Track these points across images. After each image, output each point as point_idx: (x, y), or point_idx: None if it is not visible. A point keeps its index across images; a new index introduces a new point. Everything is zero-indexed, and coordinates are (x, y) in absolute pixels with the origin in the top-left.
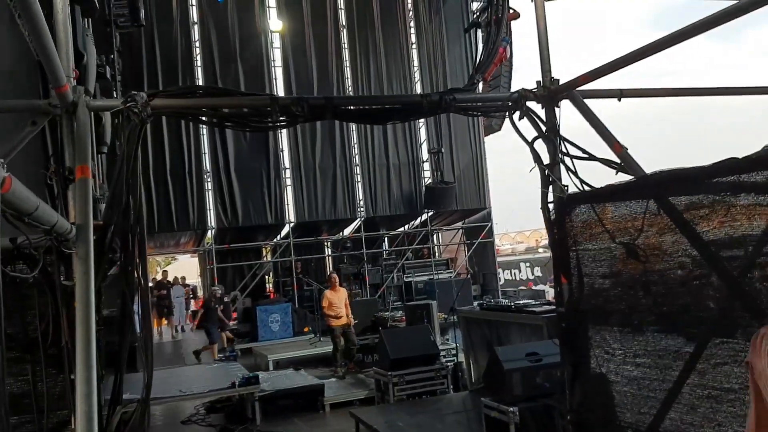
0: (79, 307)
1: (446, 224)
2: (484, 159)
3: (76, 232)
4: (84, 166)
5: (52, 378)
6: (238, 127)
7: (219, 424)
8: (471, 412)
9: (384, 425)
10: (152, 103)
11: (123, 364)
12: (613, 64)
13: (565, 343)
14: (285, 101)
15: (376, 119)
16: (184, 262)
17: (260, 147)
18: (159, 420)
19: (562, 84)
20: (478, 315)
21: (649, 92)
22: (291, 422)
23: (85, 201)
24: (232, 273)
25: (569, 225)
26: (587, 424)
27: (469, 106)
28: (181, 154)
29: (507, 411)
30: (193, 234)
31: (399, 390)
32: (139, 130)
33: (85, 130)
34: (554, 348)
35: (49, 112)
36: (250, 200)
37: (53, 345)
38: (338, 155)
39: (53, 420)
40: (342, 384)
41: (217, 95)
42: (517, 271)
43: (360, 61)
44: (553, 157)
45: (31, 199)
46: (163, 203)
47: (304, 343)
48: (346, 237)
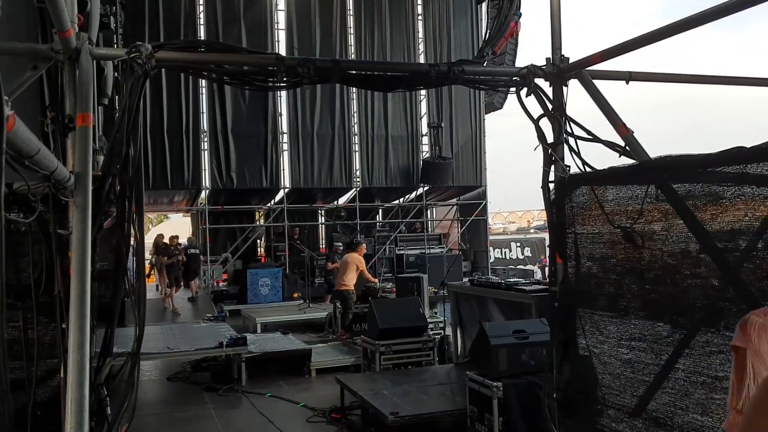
0: (76, 255)
1: (441, 200)
2: (483, 137)
3: (75, 180)
4: (85, 114)
5: (43, 326)
6: (241, 84)
7: (204, 383)
8: (455, 385)
9: (369, 392)
10: (156, 55)
11: (115, 316)
12: (624, 45)
13: (556, 322)
14: (291, 62)
15: (382, 86)
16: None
17: (259, 110)
18: (145, 375)
19: (572, 62)
20: (468, 290)
21: (657, 77)
22: (276, 384)
23: (85, 149)
24: (224, 235)
25: (569, 205)
26: (573, 404)
27: (477, 79)
28: (179, 112)
29: (491, 386)
30: (187, 193)
31: (385, 359)
32: (142, 82)
33: (87, 77)
34: (541, 327)
35: (51, 58)
36: (246, 163)
37: (45, 293)
38: (337, 123)
39: (42, 368)
40: (329, 350)
41: (222, 51)
42: (508, 251)
43: (364, 29)
44: (558, 136)
45: (33, 141)
46: (159, 160)
47: (293, 308)
48: (340, 206)
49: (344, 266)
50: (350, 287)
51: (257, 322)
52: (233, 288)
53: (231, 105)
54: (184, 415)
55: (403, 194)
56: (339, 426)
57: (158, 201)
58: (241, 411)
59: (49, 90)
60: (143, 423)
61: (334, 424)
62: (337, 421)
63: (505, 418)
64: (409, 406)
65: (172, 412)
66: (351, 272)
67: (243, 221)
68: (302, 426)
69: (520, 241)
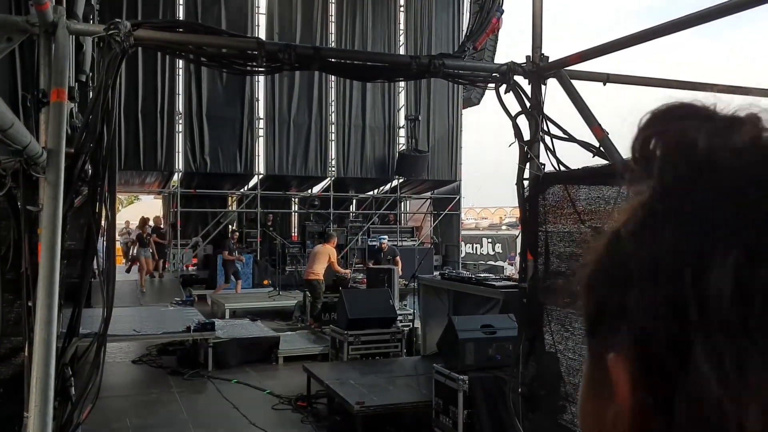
0: (46, 233)
1: (415, 193)
2: (460, 131)
3: (48, 156)
4: (60, 90)
5: (8, 303)
6: (220, 67)
7: (170, 367)
8: (422, 377)
9: (335, 382)
10: (135, 33)
11: (83, 296)
12: (602, 47)
13: (524, 318)
14: (272, 47)
15: (363, 75)
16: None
17: (235, 94)
18: (109, 357)
19: (552, 61)
20: (438, 284)
21: (634, 80)
22: (243, 371)
23: (59, 125)
24: (195, 218)
25: (542, 203)
26: (538, 399)
27: (458, 73)
28: (154, 93)
29: (457, 379)
30: (160, 175)
31: (353, 349)
32: (119, 61)
33: (63, 52)
34: (509, 322)
35: (26, 30)
36: (220, 147)
37: (12, 270)
38: (314, 112)
39: (7, 345)
40: (297, 338)
41: (203, 33)
42: (479, 246)
43: (346, 18)
44: (534, 134)
45: (7, 114)
46: (132, 140)
47: (262, 295)
48: (314, 195)
49: (314, 256)
50: (319, 276)
51: (226, 308)
52: (203, 273)
53: (207, 87)
54: (148, 398)
55: (378, 186)
56: (304, 414)
57: (130, 182)
58: (206, 396)
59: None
60: (107, 405)
61: (299, 412)
62: (302, 409)
63: (469, 411)
64: (375, 396)
65: (137, 395)
66: (321, 262)
67: (215, 206)
68: (267, 413)
69: (491, 237)
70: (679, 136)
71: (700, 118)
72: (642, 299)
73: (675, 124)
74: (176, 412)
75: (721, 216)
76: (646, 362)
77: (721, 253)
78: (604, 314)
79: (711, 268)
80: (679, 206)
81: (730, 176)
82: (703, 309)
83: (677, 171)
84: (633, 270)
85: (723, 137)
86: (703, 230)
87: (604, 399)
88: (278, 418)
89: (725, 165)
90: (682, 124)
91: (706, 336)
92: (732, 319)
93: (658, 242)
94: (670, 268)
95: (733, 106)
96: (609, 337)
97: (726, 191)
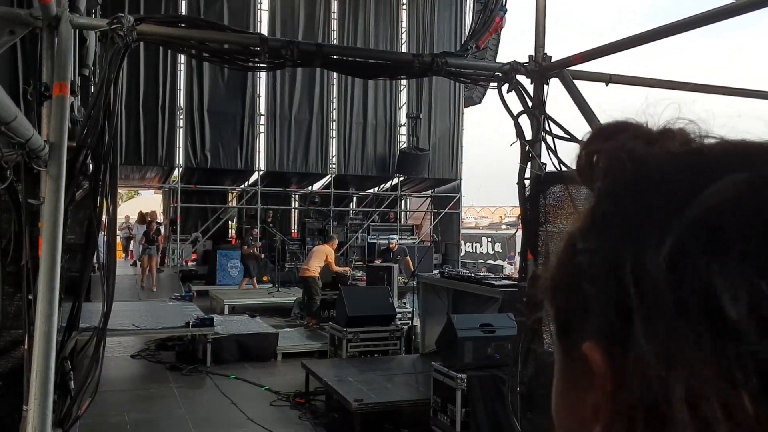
0: (47, 226)
1: (416, 191)
2: (461, 130)
3: (50, 150)
4: (62, 84)
5: (8, 296)
6: (222, 63)
7: (168, 362)
8: (420, 375)
9: (334, 379)
10: (138, 28)
11: (83, 290)
12: (605, 48)
13: (524, 317)
14: (275, 43)
15: (365, 73)
16: (147, 197)
17: (237, 90)
18: (108, 352)
19: (554, 61)
20: (438, 282)
21: (636, 80)
22: (241, 367)
23: (61, 119)
24: (195, 214)
25: (542, 202)
26: (536, 398)
27: (460, 72)
28: (155, 88)
29: (456, 377)
30: (160, 170)
31: (352, 347)
32: (122, 55)
33: (66, 46)
34: (508, 321)
35: (29, 24)
36: (221, 143)
37: (13, 263)
38: (315, 108)
39: (6, 338)
40: (296, 335)
41: (205, 28)
42: (479, 245)
43: (348, 15)
44: (536, 133)
45: (10, 107)
46: (133, 135)
47: (262, 292)
48: (314, 192)
49: (312, 254)
50: (314, 273)
51: (225, 303)
52: (202, 268)
53: (209, 83)
54: (146, 393)
55: (378, 183)
56: (302, 411)
57: (130, 177)
58: (205, 392)
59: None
60: (105, 399)
61: (297, 408)
62: (300, 406)
63: (467, 409)
64: (373, 393)
65: (135, 390)
66: (317, 260)
67: (215, 201)
68: (265, 409)
69: (491, 236)
70: (618, 148)
71: (636, 131)
72: (596, 293)
73: (614, 138)
74: (174, 407)
75: (653, 215)
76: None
77: (653, 246)
78: (571, 309)
79: (646, 259)
80: (618, 209)
81: (660, 180)
82: (641, 295)
83: (617, 177)
84: (586, 268)
85: (656, 147)
86: (639, 228)
87: (582, 390)
88: (276, 414)
89: (657, 170)
90: (621, 138)
91: (644, 317)
92: (665, 302)
93: (603, 241)
94: (613, 263)
95: (663, 119)
96: (579, 330)
97: (657, 193)
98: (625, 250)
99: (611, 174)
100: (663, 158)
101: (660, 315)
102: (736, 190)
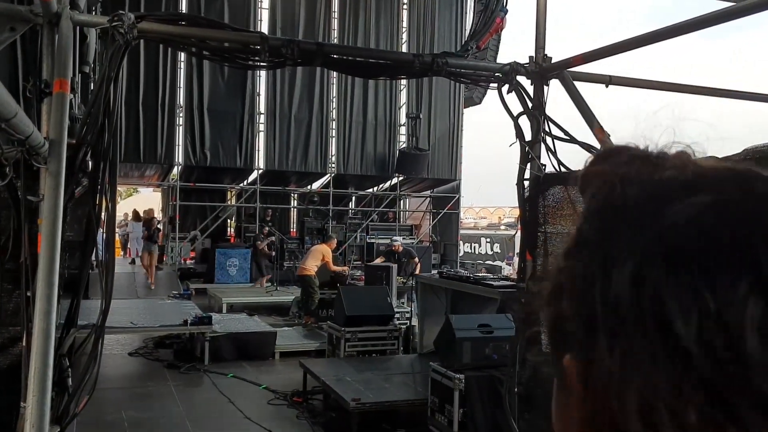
0: (46, 223)
1: (415, 191)
2: (460, 130)
3: (50, 147)
4: (63, 81)
5: (6, 293)
6: (223, 61)
7: (166, 360)
8: (418, 375)
9: (332, 378)
10: (139, 26)
11: (82, 287)
12: (606, 49)
13: (522, 318)
14: (275, 42)
15: (365, 72)
16: (146, 195)
17: (237, 89)
18: (105, 350)
19: (555, 62)
20: (436, 282)
21: (637, 82)
22: (239, 365)
23: (61, 116)
24: (194, 212)
25: (542, 203)
26: (534, 398)
27: (460, 72)
28: (155, 85)
29: (454, 377)
30: (159, 168)
31: (350, 346)
32: (122, 53)
33: (67, 43)
34: (506, 322)
35: (29, 20)
36: (221, 141)
37: (12, 260)
38: (315, 107)
39: (5, 335)
40: (294, 334)
41: (206, 26)
42: (477, 246)
43: (349, 15)
44: (536, 134)
45: (11, 104)
46: (132, 133)
47: (260, 290)
48: (314, 191)
49: (309, 253)
50: (311, 272)
51: (223, 302)
52: (200, 266)
53: (209, 81)
54: (144, 391)
55: (378, 183)
56: (300, 410)
57: (129, 174)
58: (202, 390)
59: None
60: (103, 397)
61: (294, 407)
62: (298, 405)
63: (465, 410)
64: (371, 393)
65: (133, 388)
66: (314, 259)
67: (214, 200)
68: (263, 408)
69: (490, 236)
70: (607, 171)
71: (630, 155)
72: (573, 310)
73: (607, 161)
74: (172, 406)
75: (621, 236)
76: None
77: (619, 266)
78: (557, 326)
79: (612, 278)
80: (592, 229)
81: (632, 204)
82: (606, 313)
83: (599, 200)
84: (565, 286)
85: (645, 170)
86: (608, 249)
87: (566, 397)
88: (274, 413)
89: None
90: (613, 161)
91: (607, 333)
92: (626, 319)
93: (579, 260)
94: (587, 281)
95: (660, 144)
96: (563, 344)
97: (627, 216)
98: (597, 270)
99: (596, 196)
100: (639, 181)
101: (621, 331)
102: (696, 211)
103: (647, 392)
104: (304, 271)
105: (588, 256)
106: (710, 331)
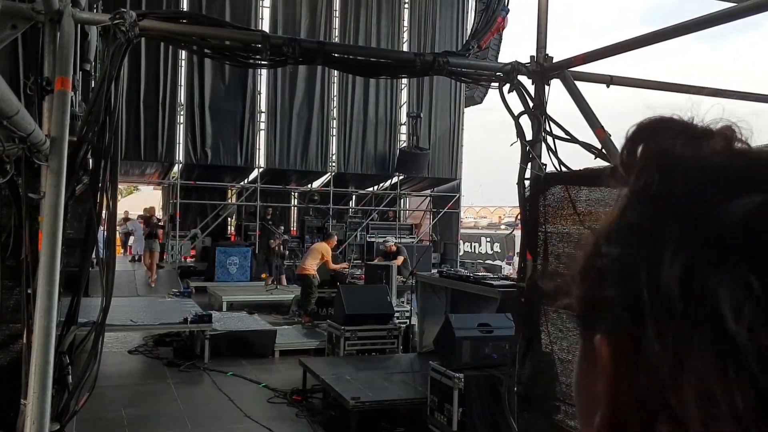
0: (47, 221)
1: (415, 190)
2: (461, 130)
3: (51, 144)
4: (64, 78)
5: (7, 290)
6: (224, 59)
7: (166, 358)
8: (417, 374)
9: (331, 377)
10: (140, 24)
11: (82, 285)
12: (607, 49)
13: (522, 317)
14: (277, 40)
15: (366, 71)
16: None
17: (238, 87)
18: (105, 347)
19: (556, 62)
20: (436, 282)
21: (638, 82)
22: (239, 364)
23: (62, 113)
24: (194, 210)
25: (542, 203)
26: (533, 398)
27: (462, 71)
28: (156, 83)
29: (453, 376)
30: (159, 166)
31: (350, 345)
32: (124, 51)
33: (68, 41)
34: (506, 321)
35: (31, 18)
36: (221, 139)
37: (12, 257)
38: (316, 106)
39: (5, 332)
40: (294, 332)
41: (208, 25)
42: (477, 245)
43: (350, 13)
44: (536, 134)
45: (12, 101)
46: (133, 131)
47: (260, 289)
48: (314, 189)
49: (309, 252)
50: (310, 271)
51: (223, 300)
52: (201, 264)
53: (210, 80)
54: (144, 388)
55: (378, 182)
56: (299, 408)
57: (129, 172)
58: (202, 388)
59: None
60: (103, 394)
61: (294, 406)
62: (297, 403)
63: (464, 409)
64: (370, 392)
65: (132, 386)
66: (313, 258)
67: (215, 198)
68: (262, 406)
69: (490, 236)
70: (656, 148)
71: (677, 130)
72: (613, 294)
73: (655, 137)
74: (171, 403)
75: (671, 228)
76: (619, 342)
77: (668, 259)
78: (591, 304)
79: (661, 271)
80: (641, 215)
81: (683, 192)
82: (653, 301)
83: (647, 180)
84: (606, 270)
85: (694, 149)
86: (656, 240)
87: (593, 374)
88: (273, 411)
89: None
90: (661, 137)
91: (655, 322)
92: (676, 310)
93: (623, 246)
94: (631, 270)
95: (708, 118)
96: (595, 323)
97: (677, 206)
98: (641, 260)
99: (643, 175)
100: (691, 167)
101: (671, 320)
102: (749, 213)
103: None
104: (304, 270)
105: (634, 242)
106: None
